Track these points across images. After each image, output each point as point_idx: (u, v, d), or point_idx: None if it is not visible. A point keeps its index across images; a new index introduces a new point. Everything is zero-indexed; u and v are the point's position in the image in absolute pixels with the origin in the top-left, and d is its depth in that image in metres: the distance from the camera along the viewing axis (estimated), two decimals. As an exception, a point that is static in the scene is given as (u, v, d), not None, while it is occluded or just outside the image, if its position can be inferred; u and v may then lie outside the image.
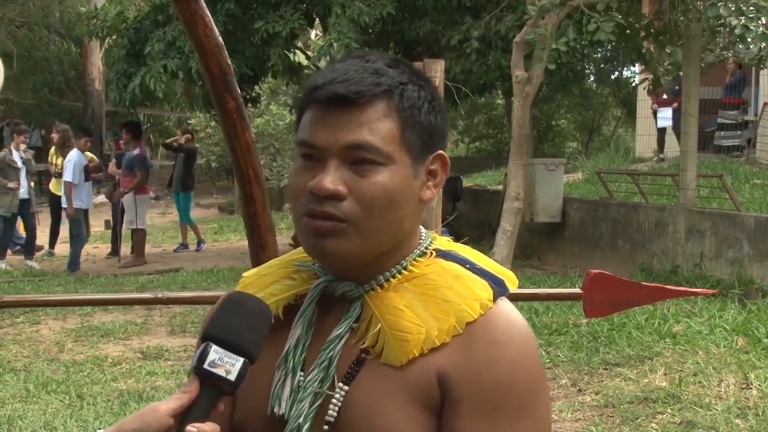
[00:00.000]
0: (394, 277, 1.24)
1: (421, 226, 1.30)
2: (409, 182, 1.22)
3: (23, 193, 11.65)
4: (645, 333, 6.42)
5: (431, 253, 1.27)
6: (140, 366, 6.56)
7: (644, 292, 2.61)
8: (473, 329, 1.19)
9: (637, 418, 4.95)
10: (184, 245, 13.54)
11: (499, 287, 1.24)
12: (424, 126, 1.23)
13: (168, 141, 15.24)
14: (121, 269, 11.43)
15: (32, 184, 12.12)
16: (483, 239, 11.55)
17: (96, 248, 13.99)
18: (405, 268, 1.25)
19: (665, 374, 5.59)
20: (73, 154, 11.65)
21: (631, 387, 5.45)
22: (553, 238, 11.28)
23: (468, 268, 1.25)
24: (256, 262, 2.43)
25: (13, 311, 8.11)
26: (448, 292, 1.22)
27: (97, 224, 16.70)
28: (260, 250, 2.47)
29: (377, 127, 1.19)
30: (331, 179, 1.18)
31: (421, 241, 1.29)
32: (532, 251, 11.52)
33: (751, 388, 5.24)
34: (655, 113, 15.00)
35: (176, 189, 13.64)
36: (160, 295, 3.21)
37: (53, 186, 12.46)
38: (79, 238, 11.63)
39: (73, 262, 11.44)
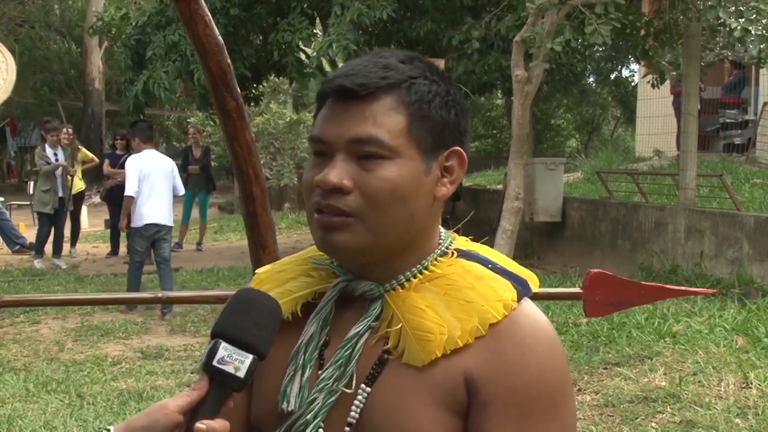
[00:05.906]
0: (415, 276, 1.22)
1: (441, 226, 1.29)
2: (418, 177, 1.20)
3: (60, 191, 11.64)
4: (645, 332, 6.42)
5: (452, 253, 1.26)
6: (140, 365, 6.56)
7: (644, 291, 2.60)
8: (499, 330, 1.17)
9: (636, 418, 4.95)
10: (179, 245, 13.52)
11: (522, 287, 1.23)
12: (435, 120, 1.21)
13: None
14: (125, 265, 11.41)
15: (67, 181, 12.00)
16: (483, 239, 11.52)
17: (96, 248, 13.99)
18: (426, 268, 1.23)
19: (665, 374, 5.59)
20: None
21: (631, 386, 5.45)
22: (553, 237, 11.28)
23: (490, 268, 1.24)
24: (256, 261, 2.43)
25: (13, 311, 8.12)
26: (471, 292, 1.20)
27: (98, 224, 16.71)
28: (260, 249, 2.46)
29: (383, 120, 1.18)
30: (337, 173, 1.17)
31: (441, 240, 1.27)
32: (532, 251, 11.52)
33: (750, 388, 5.24)
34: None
35: (195, 189, 13.50)
36: (159, 295, 3.22)
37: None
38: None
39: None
